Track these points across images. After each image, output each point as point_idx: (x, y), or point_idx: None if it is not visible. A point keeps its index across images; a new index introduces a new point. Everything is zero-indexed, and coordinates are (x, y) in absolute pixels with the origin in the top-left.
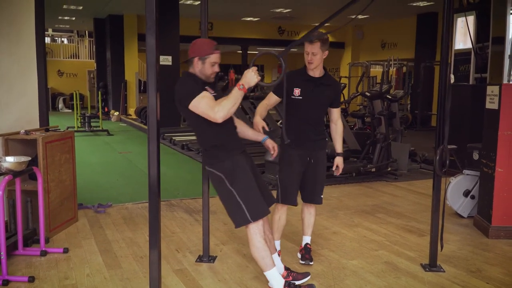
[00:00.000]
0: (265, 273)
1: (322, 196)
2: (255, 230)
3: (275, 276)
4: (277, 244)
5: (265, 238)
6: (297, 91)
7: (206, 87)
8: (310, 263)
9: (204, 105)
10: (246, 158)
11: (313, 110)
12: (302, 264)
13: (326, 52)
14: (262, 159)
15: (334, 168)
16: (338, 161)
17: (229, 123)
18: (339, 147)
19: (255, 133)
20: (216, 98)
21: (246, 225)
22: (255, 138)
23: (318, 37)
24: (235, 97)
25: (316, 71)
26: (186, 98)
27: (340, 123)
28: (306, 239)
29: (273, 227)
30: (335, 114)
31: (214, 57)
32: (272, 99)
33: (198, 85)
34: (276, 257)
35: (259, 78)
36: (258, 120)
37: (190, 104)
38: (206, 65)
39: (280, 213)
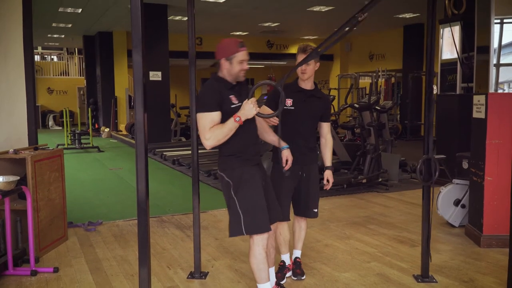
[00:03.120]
0: (258, 285)
1: (316, 210)
2: (258, 241)
3: None
4: (286, 257)
5: (267, 251)
6: (289, 102)
7: (231, 95)
8: (302, 278)
9: (202, 125)
10: (259, 171)
11: (304, 121)
12: (294, 280)
13: (318, 64)
14: None
15: (325, 181)
16: (328, 174)
17: (250, 133)
18: (328, 161)
19: (277, 139)
20: (239, 106)
21: (250, 235)
22: (275, 143)
23: (311, 48)
24: (229, 128)
25: (308, 83)
26: (198, 106)
27: (330, 137)
28: (296, 253)
29: (278, 243)
30: (325, 128)
31: (241, 55)
32: (263, 110)
33: (215, 97)
34: (271, 271)
35: (258, 109)
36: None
37: (197, 114)
38: (233, 65)
39: (280, 229)
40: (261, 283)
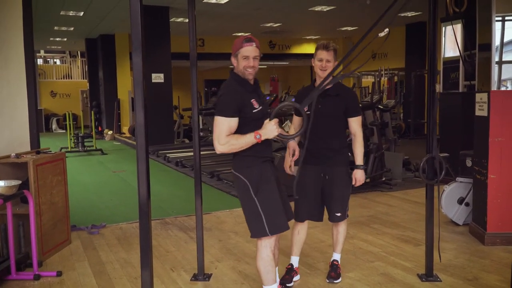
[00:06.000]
0: (264, 287)
1: (339, 214)
2: (266, 243)
3: None
4: (295, 260)
5: (273, 252)
6: (305, 107)
7: (253, 99)
8: (335, 281)
9: (219, 130)
10: (272, 169)
11: (322, 122)
12: (327, 282)
13: (336, 62)
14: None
15: (353, 183)
16: (355, 174)
17: None
18: (357, 159)
19: None
20: (261, 111)
21: (258, 238)
22: None
23: (334, 46)
24: (246, 142)
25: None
26: (217, 109)
27: (359, 133)
28: (334, 256)
29: (292, 241)
30: (351, 124)
31: (244, 50)
32: (295, 120)
33: (236, 101)
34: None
35: (279, 130)
36: (292, 143)
37: (215, 116)
38: (239, 61)
39: (299, 228)
40: (268, 284)
